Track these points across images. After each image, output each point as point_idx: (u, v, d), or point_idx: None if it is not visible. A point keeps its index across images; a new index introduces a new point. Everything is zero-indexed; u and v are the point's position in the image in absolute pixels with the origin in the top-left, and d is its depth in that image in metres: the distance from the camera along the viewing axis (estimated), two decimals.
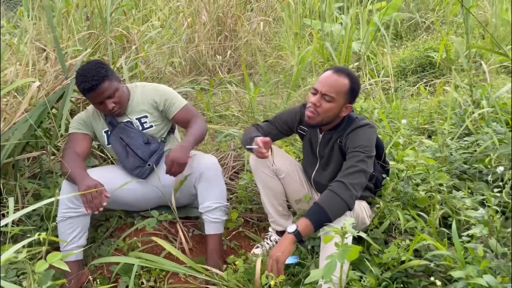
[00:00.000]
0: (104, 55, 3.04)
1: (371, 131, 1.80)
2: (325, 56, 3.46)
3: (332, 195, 1.63)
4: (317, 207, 1.61)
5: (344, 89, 1.77)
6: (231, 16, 5.11)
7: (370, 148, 1.75)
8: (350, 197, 1.63)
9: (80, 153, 2.04)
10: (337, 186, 1.65)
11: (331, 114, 1.81)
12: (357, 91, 1.83)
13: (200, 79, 4.29)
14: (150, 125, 2.16)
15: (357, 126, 1.80)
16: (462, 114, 2.65)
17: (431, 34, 5.76)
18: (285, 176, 2.03)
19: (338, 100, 1.77)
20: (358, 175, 1.68)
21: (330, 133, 1.89)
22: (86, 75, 1.95)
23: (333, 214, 1.60)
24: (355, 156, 1.72)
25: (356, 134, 1.78)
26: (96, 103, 2.02)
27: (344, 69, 1.83)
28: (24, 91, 2.34)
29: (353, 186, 1.65)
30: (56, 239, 1.49)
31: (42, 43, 2.76)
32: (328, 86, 1.76)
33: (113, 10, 3.16)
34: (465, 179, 2.14)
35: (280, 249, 1.58)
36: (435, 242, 1.56)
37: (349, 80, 1.78)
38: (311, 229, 1.60)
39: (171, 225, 2.26)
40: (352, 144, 1.77)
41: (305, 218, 1.61)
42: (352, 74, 1.81)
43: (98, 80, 1.95)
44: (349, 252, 1.32)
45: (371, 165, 1.75)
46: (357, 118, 1.86)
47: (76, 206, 1.95)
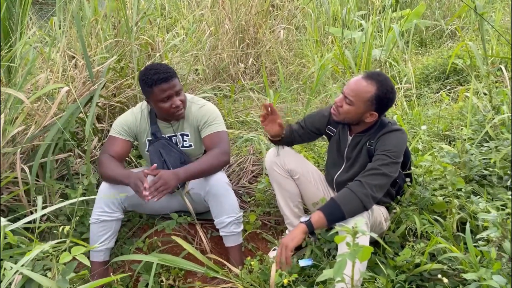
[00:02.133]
0: (129, 62, 3.15)
1: (402, 137, 1.79)
2: (345, 63, 3.49)
3: (348, 192, 1.66)
4: (332, 202, 1.65)
5: (366, 96, 1.74)
6: (253, 25, 5.18)
7: (398, 154, 1.74)
8: (365, 196, 1.64)
9: (117, 157, 2.09)
10: (355, 184, 1.68)
11: (351, 117, 1.81)
12: (385, 101, 1.77)
13: (222, 86, 4.37)
14: (190, 145, 2.19)
15: (389, 131, 1.79)
16: (482, 120, 2.63)
17: (456, 41, 5.69)
18: (300, 176, 2.05)
19: (358, 106, 1.77)
20: (378, 177, 1.69)
21: (360, 136, 1.89)
22: (157, 68, 1.99)
23: (347, 210, 1.63)
24: (380, 158, 1.72)
25: (386, 138, 1.78)
26: (163, 98, 1.99)
27: (376, 75, 1.78)
28: (54, 96, 2.46)
29: (370, 186, 1.66)
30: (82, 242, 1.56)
31: (72, 51, 2.88)
32: (350, 90, 1.77)
33: (139, 19, 3.28)
34: (484, 184, 2.12)
35: (291, 236, 1.64)
36: (450, 245, 1.56)
37: (376, 88, 1.73)
38: (324, 222, 1.64)
39: (190, 227, 2.32)
40: (380, 147, 1.76)
41: (319, 211, 1.65)
42: (383, 82, 1.75)
43: (171, 73, 1.99)
44: (361, 252, 1.34)
45: (396, 170, 1.75)
46: (389, 122, 1.85)
47: (112, 210, 2.02)
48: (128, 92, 3.03)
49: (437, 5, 6.87)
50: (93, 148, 2.56)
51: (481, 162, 2.17)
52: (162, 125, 2.17)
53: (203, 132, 2.13)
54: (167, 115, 2.08)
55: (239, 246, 2.11)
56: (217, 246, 2.26)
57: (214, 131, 2.10)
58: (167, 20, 4.79)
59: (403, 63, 4.38)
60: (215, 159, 2.02)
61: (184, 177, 1.95)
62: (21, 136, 2.28)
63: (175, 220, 2.20)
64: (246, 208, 2.46)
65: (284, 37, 5.53)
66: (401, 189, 1.95)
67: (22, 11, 2.39)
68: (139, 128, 2.17)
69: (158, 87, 1.97)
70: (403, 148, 1.79)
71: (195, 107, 2.16)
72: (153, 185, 1.84)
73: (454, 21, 6.55)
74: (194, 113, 2.15)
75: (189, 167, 1.98)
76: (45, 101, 2.41)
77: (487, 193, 2.01)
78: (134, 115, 2.18)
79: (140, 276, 2.04)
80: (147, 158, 2.26)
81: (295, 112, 3.44)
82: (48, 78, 2.50)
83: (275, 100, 3.23)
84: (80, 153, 2.59)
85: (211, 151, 2.06)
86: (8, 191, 2.14)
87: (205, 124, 2.12)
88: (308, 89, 3.79)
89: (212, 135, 2.10)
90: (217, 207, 2.04)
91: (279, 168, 2.05)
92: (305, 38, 5.58)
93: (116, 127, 2.15)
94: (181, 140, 2.19)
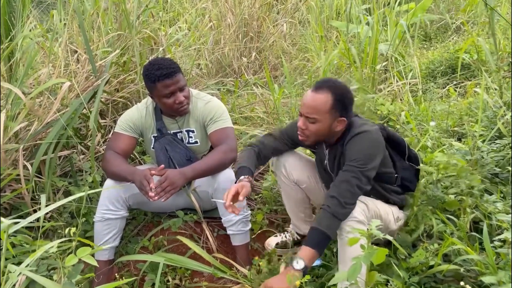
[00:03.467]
0: (132, 57, 3.10)
1: (368, 138, 1.67)
2: (350, 59, 3.43)
3: (330, 216, 1.56)
4: (319, 233, 1.55)
5: (326, 106, 1.64)
6: (256, 18, 5.12)
7: (367, 160, 1.63)
8: (345, 216, 1.58)
9: (122, 154, 2.05)
10: (333, 205, 1.58)
11: (322, 133, 1.72)
12: (345, 102, 1.68)
13: (226, 81, 4.32)
14: (195, 141, 2.14)
15: (354, 134, 1.68)
16: (493, 116, 2.58)
17: (462, 36, 5.63)
18: (307, 186, 1.99)
19: (323, 120, 1.66)
20: (352, 190, 1.60)
21: (335, 147, 1.79)
22: (161, 63, 1.93)
23: (333, 233, 1.57)
24: (349, 170, 1.63)
25: (352, 145, 1.68)
26: (166, 94, 1.95)
27: (325, 83, 1.68)
28: (56, 92, 2.41)
29: (350, 204, 1.59)
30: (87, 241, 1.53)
31: (74, 45, 2.83)
32: (308, 108, 1.66)
33: (140, 13, 3.23)
34: (497, 182, 2.07)
35: (284, 282, 1.48)
36: (465, 246, 1.52)
37: (332, 94, 1.64)
38: (317, 257, 1.57)
39: (196, 225, 2.28)
40: (347, 156, 1.67)
41: (310, 248, 1.54)
42: (335, 86, 1.67)
43: (175, 69, 1.94)
44: (376, 255, 1.30)
45: (368, 179, 1.65)
46: (353, 125, 1.73)
47: (116, 208, 1.99)
48: (131, 87, 2.98)
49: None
50: (96, 143, 2.52)
51: (493, 159, 2.13)
52: (168, 121, 2.13)
53: (209, 129, 2.08)
54: (171, 111, 2.04)
55: (247, 245, 2.07)
56: (223, 245, 2.22)
57: (221, 128, 2.06)
58: (169, 14, 4.72)
59: (408, 58, 4.32)
60: (223, 156, 1.98)
61: (191, 175, 1.91)
62: (23, 132, 2.24)
63: (181, 218, 2.16)
64: (253, 206, 2.42)
65: (287, 31, 5.47)
66: (406, 180, 1.87)
67: (23, 4, 2.33)
68: (144, 124, 2.13)
69: (161, 83, 1.92)
70: (372, 150, 1.67)
71: (201, 103, 2.12)
72: (159, 185, 1.80)
73: (459, 15, 6.49)
74: (200, 109, 2.10)
75: (196, 165, 1.94)
76: (48, 97, 2.37)
77: (500, 192, 1.97)
78: (139, 111, 2.13)
79: (145, 276, 2.00)
80: (152, 155, 2.22)
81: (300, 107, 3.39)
82: (50, 73, 2.45)
83: (279, 96, 3.18)
84: (83, 149, 2.55)
85: (218, 147, 2.01)
86: (11, 189, 2.10)
87: (211, 121, 2.08)
88: (312, 84, 3.73)
89: (218, 132, 2.06)
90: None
91: (285, 178, 1.99)
92: (308, 32, 5.51)
93: (121, 123, 2.11)
94: (187, 137, 2.14)
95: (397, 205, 1.84)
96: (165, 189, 1.81)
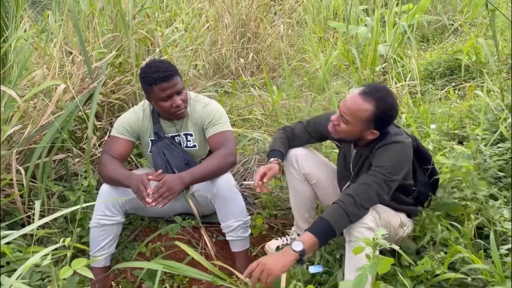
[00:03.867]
0: (128, 58, 3.05)
1: (400, 150, 1.64)
2: (350, 60, 3.40)
3: (342, 213, 1.53)
4: (325, 224, 1.52)
5: (363, 115, 1.61)
6: (254, 19, 5.08)
7: (393, 170, 1.60)
8: (357, 218, 1.54)
9: (119, 158, 2.01)
10: (347, 202, 1.54)
11: (350, 135, 1.70)
12: (385, 120, 1.64)
13: (223, 82, 4.27)
14: (194, 145, 2.10)
15: (386, 143, 1.65)
16: (494, 120, 2.54)
17: (459, 37, 5.61)
18: (316, 181, 1.95)
19: (355, 125, 1.64)
20: (370, 194, 1.57)
21: (363, 150, 1.77)
22: (158, 66, 1.89)
23: (338, 229, 1.53)
24: (373, 174, 1.59)
25: (382, 153, 1.65)
26: (163, 97, 1.90)
27: (375, 91, 1.62)
28: (51, 94, 2.35)
29: (364, 207, 1.55)
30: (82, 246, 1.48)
31: (69, 46, 2.78)
32: (347, 108, 1.63)
33: (135, 13, 3.17)
34: (500, 187, 2.04)
35: (280, 263, 1.45)
36: (472, 255, 1.49)
37: (375, 107, 1.59)
38: (317, 246, 1.52)
39: (195, 230, 2.24)
40: (375, 162, 1.64)
41: (313, 235, 1.50)
42: (382, 99, 1.60)
43: (172, 72, 1.89)
44: (381, 265, 1.26)
45: (390, 190, 1.62)
46: (389, 134, 1.69)
47: (112, 214, 1.94)
48: (127, 89, 2.93)
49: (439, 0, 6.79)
50: (92, 146, 2.46)
51: (496, 163, 2.09)
52: (165, 125, 2.08)
53: (208, 132, 2.04)
54: (168, 114, 2.00)
55: (246, 251, 2.03)
56: (222, 251, 2.18)
57: (220, 131, 2.02)
58: (165, 14, 4.67)
59: (407, 59, 4.29)
60: (222, 160, 1.94)
61: (189, 180, 1.86)
62: (17, 136, 2.18)
63: (179, 224, 2.12)
64: (252, 211, 2.38)
65: (285, 32, 5.43)
66: (422, 195, 1.84)
67: (16, 5, 2.28)
68: (141, 127, 2.09)
69: (158, 86, 1.88)
70: (401, 162, 1.64)
71: (200, 106, 2.07)
72: (157, 190, 1.76)
73: (456, 16, 6.47)
74: (199, 112, 2.06)
75: (195, 170, 1.90)
76: (42, 99, 2.31)
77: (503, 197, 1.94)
78: (136, 115, 2.09)
79: (142, 283, 1.95)
80: (149, 158, 2.17)
81: (298, 110, 3.35)
82: (45, 74, 2.39)
83: (278, 98, 3.14)
84: (78, 152, 2.50)
85: (217, 151, 1.97)
86: (4, 194, 2.04)
87: (210, 124, 2.04)
88: (311, 86, 3.70)
89: (217, 135, 2.02)
90: (224, 210, 1.96)
91: (295, 171, 1.95)
92: (306, 33, 5.48)
93: (117, 127, 2.06)
94: (185, 141, 2.10)
95: (404, 212, 1.80)
96: (163, 195, 1.76)
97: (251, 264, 1.50)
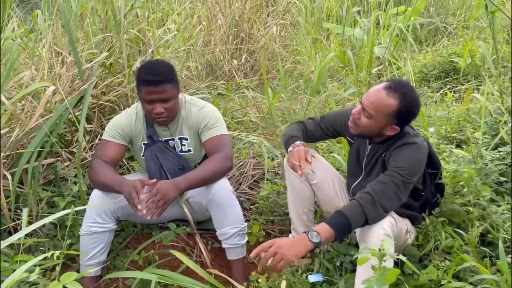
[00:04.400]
0: (119, 58, 2.97)
1: (418, 152, 1.62)
2: (345, 62, 3.36)
3: (360, 209, 1.49)
4: (343, 217, 1.47)
5: (387, 110, 1.58)
6: (247, 20, 5.02)
7: (412, 172, 1.57)
8: (375, 219, 1.50)
9: (111, 162, 1.92)
10: (366, 199, 1.51)
11: (370, 130, 1.66)
12: (407, 115, 1.61)
13: (217, 84, 4.21)
14: (189, 150, 2.03)
15: (404, 143, 1.63)
16: (493, 123, 2.52)
17: (452, 39, 5.62)
18: (318, 182, 1.90)
19: (378, 120, 1.61)
20: (389, 195, 1.53)
21: (378, 147, 1.73)
22: (154, 67, 1.82)
23: (355, 225, 1.49)
24: (392, 175, 1.56)
25: (400, 153, 1.61)
26: (146, 100, 1.83)
27: (400, 86, 1.59)
28: (39, 96, 2.27)
29: (384, 208, 1.51)
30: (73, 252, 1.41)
31: (58, 47, 2.69)
32: (370, 102, 1.60)
33: (126, 12, 3.09)
34: (502, 192, 2.01)
35: (294, 251, 1.40)
36: (479, 264, 1.44)
37: (399, 102, 1.56)
38: (332, 240, 1.47)
39: (189, 237, 2.16)
40: (393, 162, 1.60)
41: (330, 227, 1.45)
42: (406, 95, 1.58)
43: (164, 79, 1.81)
44: (387, 276, 1.22)
45: (407, 193, 1.59)
46: (408, 133, 1.67)
47: (104, 221, 1.86)
48: (118, 90, 2.85)
49: (431, 2, 6.80)
50: (82, 150, 2.38)
51: (497, 168, 2.06)
52: (159, 128, 2.01)
53: (204, 136, 1.97)
54: (149, 117, 1.93)
55: (243, 259, 1.96)
56: (217, 258, 2.11)
57: (216, 135, 1.95)
58: (156, 14, 4.59)
59: (401, 61, 4.26)
60: (218, 165, 1.87)
61: (184, 187, 1.79)
62: (4, 139, 2.09)
63: (173, 231, 2.04)
64: (248, 216, 2.31)
65: (278, 34, 5.38)
66: (428, 202, 1.80)
67: (3, 4, 2.19)
68: (134, 131, 2.01)
69: (145, 88, 1.81)
70: (418, 164, 1.62)
71: (195, 109, 2.00)
72: (150, 198, 1.69)
73: (448, 18, 6.49)
74: (194, 116, 1.99)
75: (190, 175, 1.83)
76: (30, 101, 2.23)
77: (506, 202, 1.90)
78: (129, 117, 2.01)
79: None
80: (142, 163, 2.09)
81: (294, 112, 3.30)
82: (33, 76, 2.31)
83: (274, 100, 3.08)
84: (68, 156, 2.41)
85: (213, 156, 1.90)
86: None
87: (206, 128, 1.97)
88: (306, 88, 3.65)
89: (213, 139, 1.95)
90: (220, 217, 1.89)
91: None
92: (300, 34, 5.44)
93: (109, 130, 1.98)
94: (180, 145, 2.03)
95: (408, 218, 1.76)
96: (158, 204, 1.69)
97: (263, 244, 1.44)
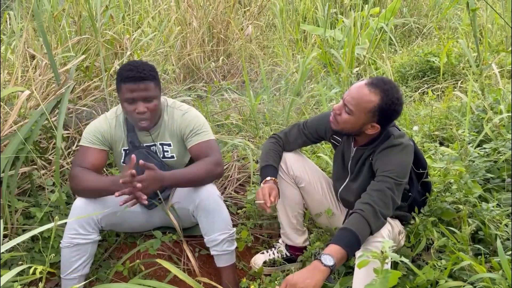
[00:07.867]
0: (95, 61, 2.86)
1: (404, 152, 1.60)
2: (327, 62, 3.35)
3: (363, 222, 1.46)
4: (350, 234, 1.43)
5: (368, 106, 1.55)
6: (221, 22, 4.96)
7: (401, 173, 1.56)
8: (378, 228, 1.49)
9: (93, 169, 1.82)
10: (367, 210, 1.48)
11: (350, 127, 1.63)
12: (388, 113, 1.57)
13: (197, 87, 4.13)
14: (172, 156, 1.95)
15: (389, 146, 1.60)
16: (476, 120, 2.54)
17: (426, 40, 5.72)
18: (306, 185, 1.87)
19: (358, 116, 1.57)
20: (389, 206, 1.52)
21: (363, 149, 1.70)
22: (136, 65, 1.74)
23: (362, 239, 1.46)
24: (384, 180, 1.54)
25: (386, 156, 1.59)
26: (127, 99, 1.75)
27: (382, 83, 1.56)
28: (13, 101, 2.15)
29: (384, 216, 1.50)
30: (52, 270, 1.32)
31: (32, 50, 2.57)
32: (351, 98, 1.57)
33: (101, 12, 2.99)
34: (490, 189, 2.02)
35: (311, 282, 1.33)
36: (475, 263, 1.43)
37: (380, 99, 1.54)
38: (345, 260, 1.43)
39: (175, 245, 2.09)
40: (381, 166, 1.58)
41: (341, 247, 1.40)
42: (388, 92, 1.54)
43: (147, 76, 1.74)
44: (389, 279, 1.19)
45: (400, 194, 1.58)
46: (393, 135, 1.64)
47: (87, 232, 1.76)
48: (96, 94, 2.75)
49: (404, 3, 6.91)
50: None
51: (484, 164, 2.07)
52: (140, 133, 1.92)
53: (190, 142, 1.89)
54: (131, 119, 1.84)
55: (233, 266, 1.90)
56: (205, 266, 2.04)
57: (203, 140, 1.87)
58: (131, 16, 4.48)
59: (380, 61, 4.30)
60: (208, 168, 1.80)
61: (169, 182, 1.74)
62: None
63: (159, 239, 1.96)
64: (235, 221, 2.25)
65: (253, 35, 5.34)
66: (416, 202, 1.79)
67: None
68: (113, 136, 1.92)
69: (126, 85, 1.74)
70: (406, 166, 1.60)
71: (178, 113, 1.92)
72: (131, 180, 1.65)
73: (421, 19, 6.61)
74: (177, 121, 1.91)
75: (176, 172, 1.77)
76: (3, 107, 2.11)
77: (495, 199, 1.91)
78: (108, 122, 1.91)
79: None
80: (122, 170, 2.00)
81: (275, 114, 3.26)
82: (6, 80, 2.19)
83: (257, 101, 3.04)
84: (44, 164, 2.30)
85: (203, 160, 1.83)
86: None
87: (191, 133, 1.89)
88: (287, 89, 3.62)
89: (200, 145, 1.87)
90: (208, 223, 1.82)
91: (283, 173, 1.86)
92: (277, 36, 5.42)
93: (88, 136, 1.87)
94: (161, 151, 1.94)
95: (398, 218, 1.74)
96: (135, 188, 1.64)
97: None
